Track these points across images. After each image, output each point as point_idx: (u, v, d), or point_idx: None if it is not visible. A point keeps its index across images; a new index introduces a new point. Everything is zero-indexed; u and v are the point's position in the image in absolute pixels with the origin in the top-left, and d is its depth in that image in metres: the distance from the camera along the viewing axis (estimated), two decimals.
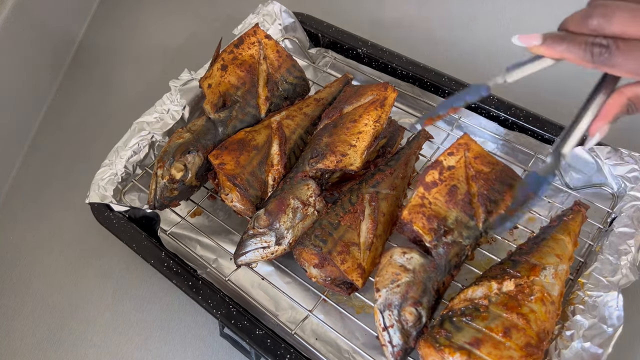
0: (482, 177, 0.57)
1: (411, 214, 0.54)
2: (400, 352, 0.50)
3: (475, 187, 0.57)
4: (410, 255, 0.52)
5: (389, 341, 0.50)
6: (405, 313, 0.50)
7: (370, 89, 0.65)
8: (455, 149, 0.59)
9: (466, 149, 0.59)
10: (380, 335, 0.51)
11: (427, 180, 0.56)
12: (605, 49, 0.41)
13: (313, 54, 0.84)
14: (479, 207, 0.56)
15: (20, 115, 0.83)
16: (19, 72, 0.82)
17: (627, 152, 0.62)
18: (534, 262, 0.52)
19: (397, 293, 0.50)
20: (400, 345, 0.49)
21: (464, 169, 0.58)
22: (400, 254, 0.53)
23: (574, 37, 0.42)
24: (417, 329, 0.50)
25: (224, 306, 0.56)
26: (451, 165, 0.58)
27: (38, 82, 0.88)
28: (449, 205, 0.55)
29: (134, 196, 0.69)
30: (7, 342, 0.63)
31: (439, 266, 0.53)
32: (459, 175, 0.57)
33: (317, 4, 0.86)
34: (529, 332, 0.46)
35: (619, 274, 0.53)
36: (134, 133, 0.70)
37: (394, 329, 0.50)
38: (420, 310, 0.50)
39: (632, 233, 0.56)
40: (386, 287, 0.51)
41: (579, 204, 0.59)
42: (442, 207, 0.55)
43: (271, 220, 0.56)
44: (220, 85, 0.67)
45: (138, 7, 1.05)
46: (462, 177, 0.57)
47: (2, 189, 0.77)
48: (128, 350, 0.61)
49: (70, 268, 0.68)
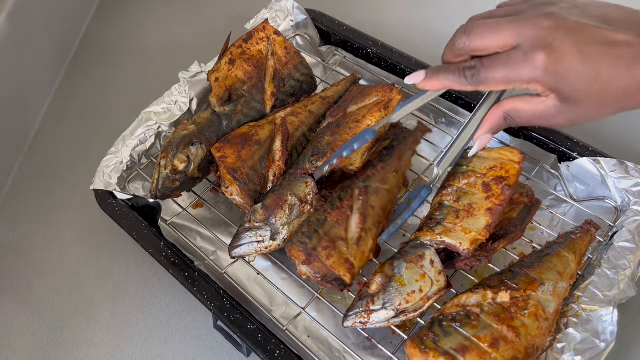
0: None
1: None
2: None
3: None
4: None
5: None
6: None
7: (375, 90, 0.65)
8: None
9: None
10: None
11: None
12: (474, 69, 0.43)
13: (323, 52, 0.84)
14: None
15: (20, 115, 0.83)
16: (19, 72, 0.82)
17: (632, 166, 0.61)
18: (534, 276, 0.52)
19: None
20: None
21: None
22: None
23: (449, 66, 0.45)
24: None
25: (218, 299, 0.56)
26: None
27: (38, 82, 0.88)
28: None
29: (138, 185, 0.70)
30: (7, 342, 0.63)
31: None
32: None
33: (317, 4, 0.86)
34: (518, 346, 0.46)
35: (615, 289, 0.52)
36: (141, 122, 0.70)
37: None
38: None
39: (632, 248, 0.55)
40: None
41: (589, 223, 0.58)
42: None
43: (267, 215, 0.56)
44: (227, 79, 0.67)
45: (145, 2, 1.06)
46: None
47: (2, 189, 0.77)
48: (128, 350, 0.62)
49: (70, 268, 0.69)
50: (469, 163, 0.57)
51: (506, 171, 0.55)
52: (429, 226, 0.54)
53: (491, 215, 0.53)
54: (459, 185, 0.56)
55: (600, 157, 0.63)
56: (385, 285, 0.51)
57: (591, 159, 0.62)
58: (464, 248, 0.51)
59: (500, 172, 0.56)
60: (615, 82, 0.39)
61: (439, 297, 0.52)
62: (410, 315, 0.51)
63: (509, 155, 0.57)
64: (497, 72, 0.42)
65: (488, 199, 0.54)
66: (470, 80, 0.44)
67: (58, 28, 0.93)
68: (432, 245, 0.53)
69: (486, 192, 0.55)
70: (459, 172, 0.57)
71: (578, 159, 0.63)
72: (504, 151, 0.57)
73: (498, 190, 0.54)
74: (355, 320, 0.51)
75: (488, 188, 0.55)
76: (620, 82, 0.39)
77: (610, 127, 0.74)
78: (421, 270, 0.52)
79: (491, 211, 0.53)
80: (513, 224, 0.56)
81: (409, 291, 0.51)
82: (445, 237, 0.52)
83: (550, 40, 0.40)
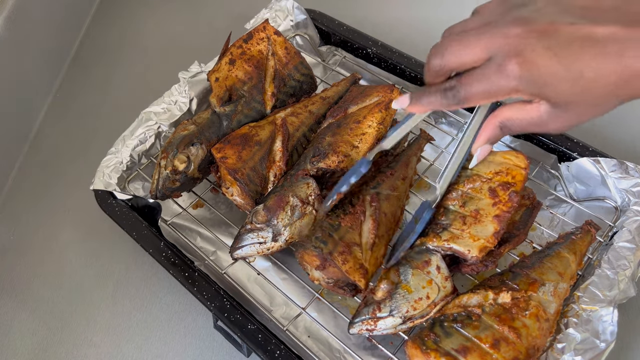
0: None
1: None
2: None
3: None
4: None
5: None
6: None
7: (376, 90, 0.65)
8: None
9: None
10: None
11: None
12: (454, 89, 0.43)
13: (323, 52, 0.84)
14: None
15: (20, 115, 0.82)
16: (19, 72, 0.82)
17: (632, 166, 0.61)
18: (535, 277, 0.52)
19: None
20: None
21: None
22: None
23: (430, 88, 0.45)
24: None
25: (218, 299, 0.56)
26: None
27: (38, 82, 0.88)
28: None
29: (138, 185, 0.70)
30: (7, 342, 0.63)
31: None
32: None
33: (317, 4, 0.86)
34: (519, 347, 0.46)
35: (615, 289, 0.52)
36: (141, 122, 0.70)
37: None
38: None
39: (632, 248, 0.55)
40: None
41: (589, 223, 0.58)
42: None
43: (269, 216, 0.56)
44: (227, 79, 0.67)
45: (145, 2, 1.05)
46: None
47: (2, 189, 0.77)
48: (128, 350, 0.62)
49: (70, 268, 0.69)
50: (473, 166, 0.57)
51: (512, 177, 0.55)
52: (434, 231, 0.54)
53: (499, 222, 0.52)
54: (463, 190, 0.56)
55: (600, 157, 0.63)
56: (392, 291, 0.51)
57: (591, 159, 0.62)
58: (472, 255, 0.51)
59: (506, 177, 0.55)
60: (604, 77, 0.38)
61: (445, 302, 0.51)
62: (418, 321, 0.51)
63: (514, 160, 0.57)
64: (475, 88, 0.41)
65: (495, 205, 0.54)
66: (452, 100, 0.43)
67: (58, 28, 0.93)
68: (438, 251, 0.53)
69: (493, 198, 0.54)
70: (464, 176, 0.57)
71: (578, 159, 0.63)
72: (508, 155, 0.57)
73: (505, 197, 0.54)
74: (362, 327, 0.51)
75: (495, 194, 0.54)
76: (611, 76, 0.37)
77: (610, 127, 0.74)
78: (428, 277, 0.51)
79: (499, 218, 0.53)
80: (516, 227, 0.56)
81: (416, 298, 0.50)
82: (452, 243, 0.52)
83: (520, 48, 0.38)
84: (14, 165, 0.80)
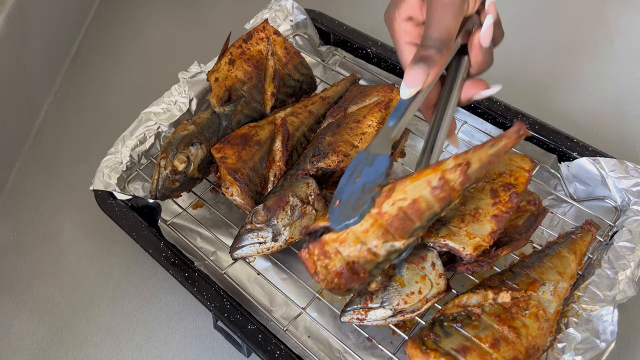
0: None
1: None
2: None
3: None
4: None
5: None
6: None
7: (376, 90, 0.65)
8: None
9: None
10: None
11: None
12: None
13: (323, 52, 0.84)
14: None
15: (20, 115, 0.82)
16: (19, 72, 0.82)
17: (632, 166, 0.61)
18: (534, 276, 0.52)
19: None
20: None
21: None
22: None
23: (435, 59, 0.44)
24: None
25: (218, 299, 0.56)
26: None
27: (38, 82, 0.88)
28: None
29: (137, 185, 0.70)
30: (7, 342, 0.63)
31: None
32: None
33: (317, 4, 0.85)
34: (518, 347, 0.46)
35: (616, 289, 0.52)
36: (140, 122, 0.70)
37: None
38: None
39: (632, 248, 0.55)
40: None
41: (590, 223, 0.58)
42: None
43: (269, 216, 0.56)
44: (227, 79, 0.67)
45: (145, 2, 1.05)
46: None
47: (2, 188, 0.77)
48: (128, 350, 0.62)
49: (70, 268, 0.69)
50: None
51: (515, 178, 0.55)
52: (432, 227, 0.54)
53: (497, 222, 0.52)
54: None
55: (600, 157, 0.63)
56: (385, 284, 0.51)
57: (591, 158, 0.62)
58: (466, 253, 0.51)
59: (509, 178, 0.55)
60: None
61: (437, 299, 0.52)
62: (408, 315, 0.51)
63: (519, 162, 0.56)
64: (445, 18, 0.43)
65: (495, 206, 0.53)
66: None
67: (58, 28, 0.93)
68: (435, 247, 0.53)
69: (493, 198, 0.54)
70: None
71: (578, 159, 0.63)
72: (514, 156, 0.57)
73: (505, 197, 0.54)
74: (353, 316, 0.51)
75: (495, 194, 0.54)
76: None
77: (610, 127, 0.74)
78: (422, 272, 0.52)
79: (497, 218, 0.52)
80: (518, 232, 0.56)
81: (408, 292, 0.51)
82: (448, 240, 0.52)
83: None
84: (14, 165, 0.80)
